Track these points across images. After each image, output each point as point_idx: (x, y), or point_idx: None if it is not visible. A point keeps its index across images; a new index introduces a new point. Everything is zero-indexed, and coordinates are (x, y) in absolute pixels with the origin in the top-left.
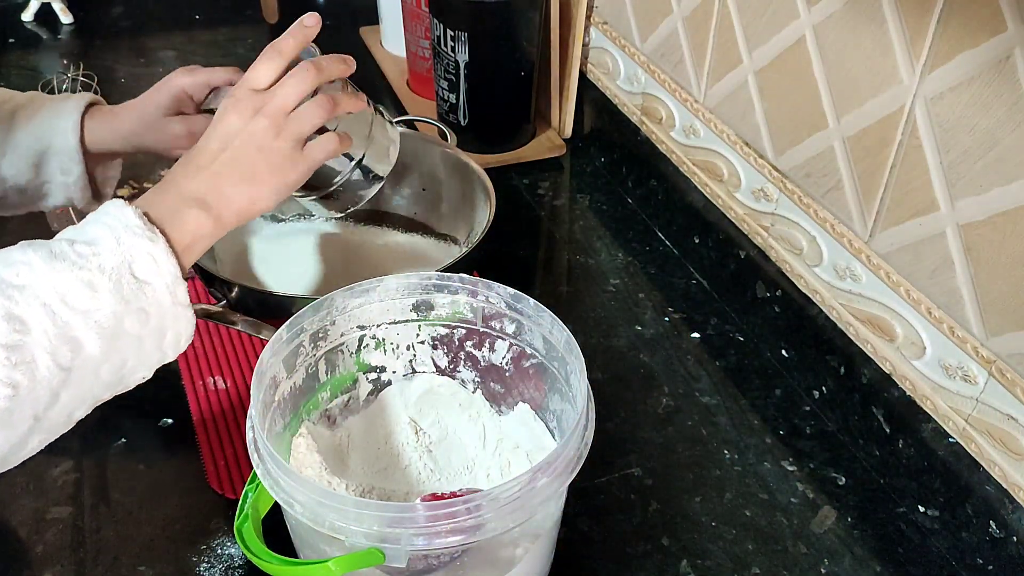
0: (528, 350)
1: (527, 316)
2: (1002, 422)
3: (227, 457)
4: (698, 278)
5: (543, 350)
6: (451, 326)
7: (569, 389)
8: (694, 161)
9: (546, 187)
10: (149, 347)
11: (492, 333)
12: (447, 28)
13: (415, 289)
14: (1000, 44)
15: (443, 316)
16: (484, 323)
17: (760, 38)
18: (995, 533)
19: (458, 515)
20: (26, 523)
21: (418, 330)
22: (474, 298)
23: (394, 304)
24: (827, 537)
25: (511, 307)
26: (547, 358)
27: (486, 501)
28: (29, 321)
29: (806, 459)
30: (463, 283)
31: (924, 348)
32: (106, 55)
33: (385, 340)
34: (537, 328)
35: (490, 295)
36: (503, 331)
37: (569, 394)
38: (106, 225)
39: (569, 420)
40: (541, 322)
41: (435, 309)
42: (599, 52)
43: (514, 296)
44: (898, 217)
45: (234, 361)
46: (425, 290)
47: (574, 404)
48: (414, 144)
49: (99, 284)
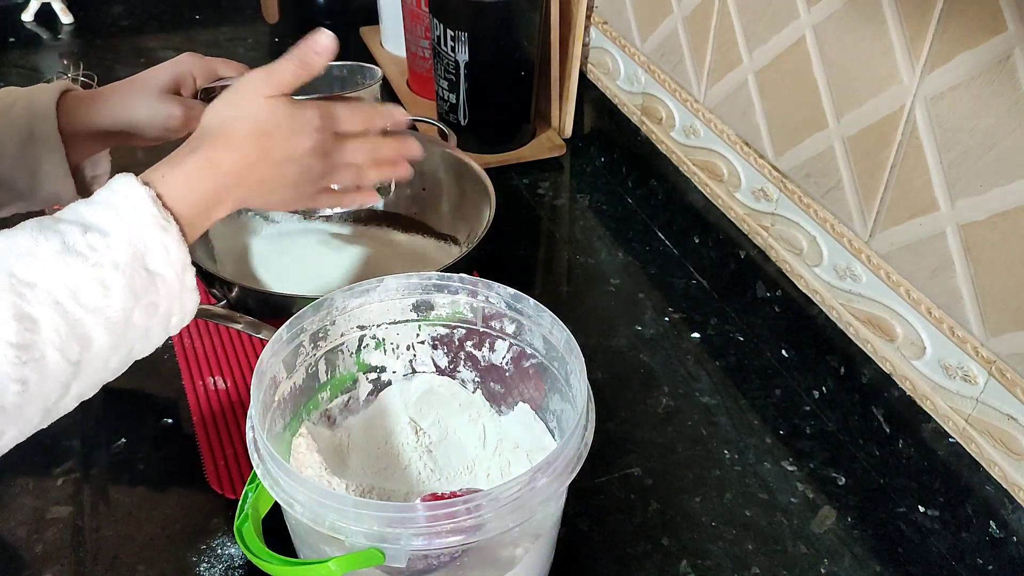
0: (528, 350)
1: (527, 316)
2: (1002, 422)
3: (227, 457)
4: (698, 278)
5: (543, 350)
6: (451, 326)
7: (569, 389)
8: (694, 161)
9: (546, 187)
10: (156, 332)
11: (492, 333)
12: (447, 28)
13: (415, 289)
14: (1000, 44)
15: (443, 316)
16: (484, 323)
17: (760, 38)
18: (995, 533)
19: (458, 515)
20: (26, 523)
21: (418, 330)
22: (474, 298)
23: (394, 304)
24: (827, 537)
25: (511, 307)
26: (547, 358)
27: (486, 501)
28: (40, 319)
29: (806, 459)
30: (463, 283)
31: (924, 348)
32: (106, 55)
33: (385, 340)
34: (537, 328)
35: (490, 295)
36: (503, 331)
37: (569, 394)
38: (118, 211)
39: (569, 420)
40: (541, 322)
41: (435, 309)
42: (599, 52)
43: (514, 296)
44: (898, 217)
45: (234, 361)
46: (425, 290)
47: (574, 404)
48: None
49: (112, 282)
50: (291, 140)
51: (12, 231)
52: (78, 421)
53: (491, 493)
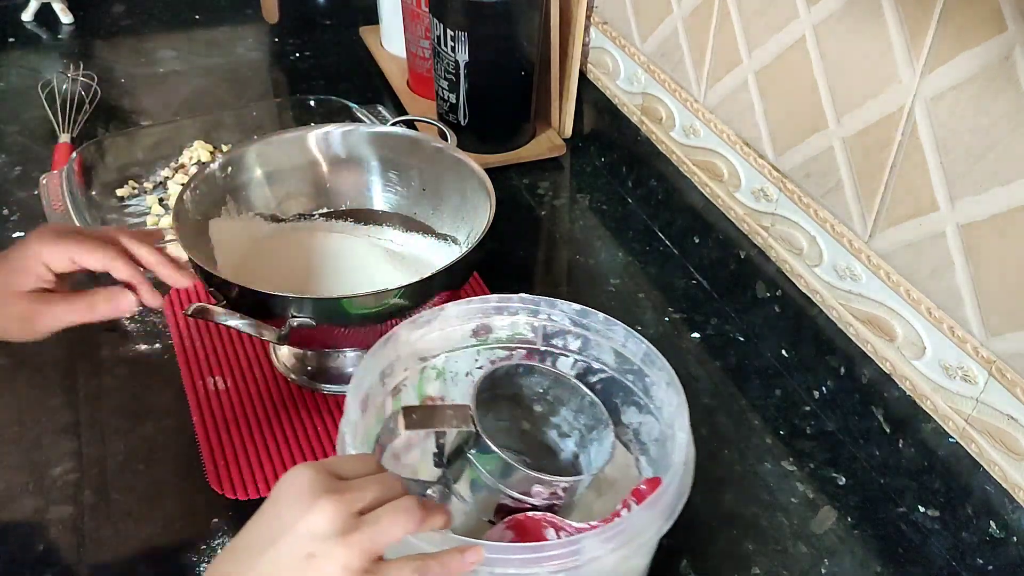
0: (595, 365)
1: (594, 331)
2: (1002, 422)
3: (227, 457)
4: (698, 278)
5: (614, 363)
6: (510, 347)
7: (650, 401)
8: (694, 161)
9: (546, 187)
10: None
11: (554, 351)
12: (447, 28)
13: (475, 314)
14: (1000, 44)
15: (502, 339)
16: (545, 342)
17: (760, 38)
18: (995, 533)
19: (556, 558)
20: (26, 523)
21: (477, 355)
22: (534, 317)
23: (454, 331)
24: (827, 537)
25: (576, 323)
26: (619, 371)
27: (585, 543)
28: None
29: (806, 459)
30: (523, 303)
31: (924, 348)
32: (106, 55)
33: (445, 369)
34: (607, 342)
35: (552, 312)
36: (566, 348)
37: (651, 406)
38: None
39: (650, 431)
40: (612, 336)
41: (494, 332)
42: (599, 52)
43: (580, 312)
44: (898, 217)
45: (234, 361)
46: (485, 313)
47: (658, 416)
48: (414, 144)
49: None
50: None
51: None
52: (78, 421)
53: (589, 535)
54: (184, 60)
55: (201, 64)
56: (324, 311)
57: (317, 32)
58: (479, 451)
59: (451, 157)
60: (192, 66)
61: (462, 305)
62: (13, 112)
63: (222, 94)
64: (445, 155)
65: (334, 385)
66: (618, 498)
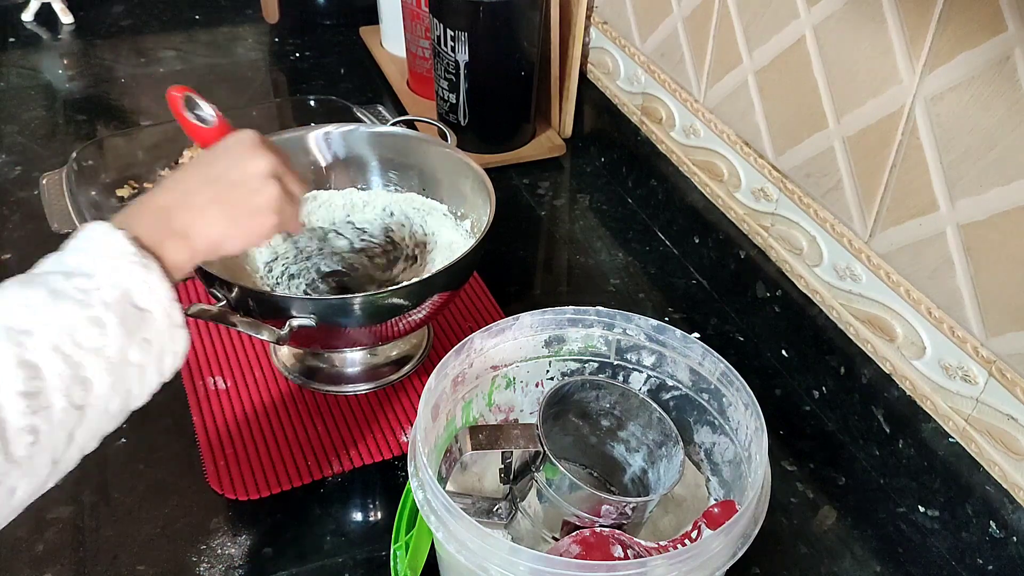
0: (670, 382)
1: (671, 347)
2: (1002, 422)
3: (227, 457)
4: (698, 278)
5: (688, 381)
6: (582, 360)
7: (726, 422)
8: (694, 161)
9: (546, 187)
10: (151, 373)
11: (628, 366)
12: (447, 28)
13: (549, 325)
14: (1000, 44)
15: (575, 351)
16: (619, 356)
17: (760, 38)
18: (995, 533)
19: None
20: (26, 523)
21: (548, 366)
22: (609, 331)
23: (528, 341)
24: (827, 537)
25: (652, 339)
26: (693, 390)
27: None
28: (42, 365)
29: (806, 459)
30: (599, 316)
31: (924, 348)
32: (106, 55)
33: (516, 379)
34: (683, 359)
35: (628, 327)
36: (640, 363)
37: (726, 427)
38: (97, 254)
39: (723, 452)
40: (689, 353)
41: (567, 344)
42: (599, 52)
43: (657, 328)
44: (898, 217)
45: (234, 361)
46: (559, 325)
47: (733, 437)
48: (414, 144)
49: (106, 320)
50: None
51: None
52: None
53: (658, 559)
54: (184, 60)
55: (201, 64)
56: (324, 311)
57: (317, 32)
58: (546, 469)
59: (451, 157)
60: (192, 66)
61: (537, 316)
62: (13, 112)
63: (222, 94)
64: (445, 155)
65: (334, 385)
66: (685, 516)
